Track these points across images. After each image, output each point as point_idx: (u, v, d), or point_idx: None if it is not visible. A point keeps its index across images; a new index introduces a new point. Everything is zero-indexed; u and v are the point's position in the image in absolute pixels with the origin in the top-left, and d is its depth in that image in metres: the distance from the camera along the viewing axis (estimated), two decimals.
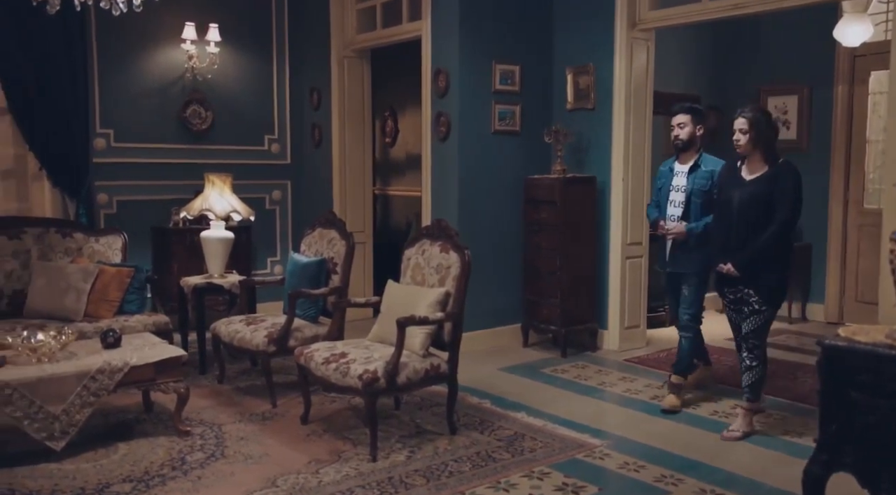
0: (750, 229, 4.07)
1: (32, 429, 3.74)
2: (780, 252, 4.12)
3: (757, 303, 4.14)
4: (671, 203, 4.77)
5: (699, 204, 4.64)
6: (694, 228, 4.62)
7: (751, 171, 4.15)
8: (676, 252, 4.72)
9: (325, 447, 4.00)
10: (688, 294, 4.72)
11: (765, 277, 4.11)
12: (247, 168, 7.03)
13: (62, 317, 4.88)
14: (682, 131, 4.68)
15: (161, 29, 6.57)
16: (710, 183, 4.57)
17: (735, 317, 4.28)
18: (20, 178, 6.13)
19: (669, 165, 4.84)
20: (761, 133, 4.07)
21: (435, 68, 5.96)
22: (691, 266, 4.66)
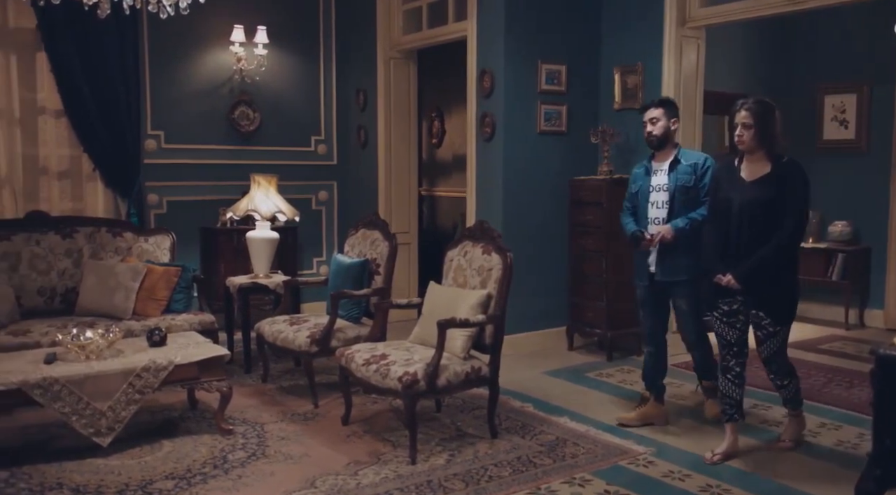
0: (753, 237, 3.67)
1: (80, 425, 3.81)
2: (788, 262, 3.73)
3: (771, 326, 3.77)
4: (653, 205, 4.33)
5: (683, 201, 4.26)
6: (681, 226, 4.18)
7: (752, 172, 3.73)
8: (665, 258, 4.25)
9: (365, 448, 3.99)
10: (686, 308, 4.33)
11: (773, 294, 3.73)
12: (293, 169, 7.08)
13: (112, 315, 4.98)
14: (656, 127, 4.29)
15: (210, 32, 6.66)
16: (694, 178, 4.23)
17: (728, 332, 3.84)
18: (75, 179, 6.28)
19: (644, 166, 4.43)
20: (766, 128, 3.64)
21: (480, 69, 5.92)
22: (684, 273, 4.24)
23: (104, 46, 6.05)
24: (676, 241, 4.19)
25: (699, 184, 4.23)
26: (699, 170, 4.24)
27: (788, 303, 3.79)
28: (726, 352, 3.88)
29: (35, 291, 5.12)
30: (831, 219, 7.27)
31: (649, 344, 4.44)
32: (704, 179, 4.22)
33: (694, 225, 4.16)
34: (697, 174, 4.24)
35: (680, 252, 4.20)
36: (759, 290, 3.71)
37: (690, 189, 4.24)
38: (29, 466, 3.74)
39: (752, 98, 3.79)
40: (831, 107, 7.37)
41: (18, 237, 5.16)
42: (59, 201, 6.16)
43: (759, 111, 3.64)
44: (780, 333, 3.80)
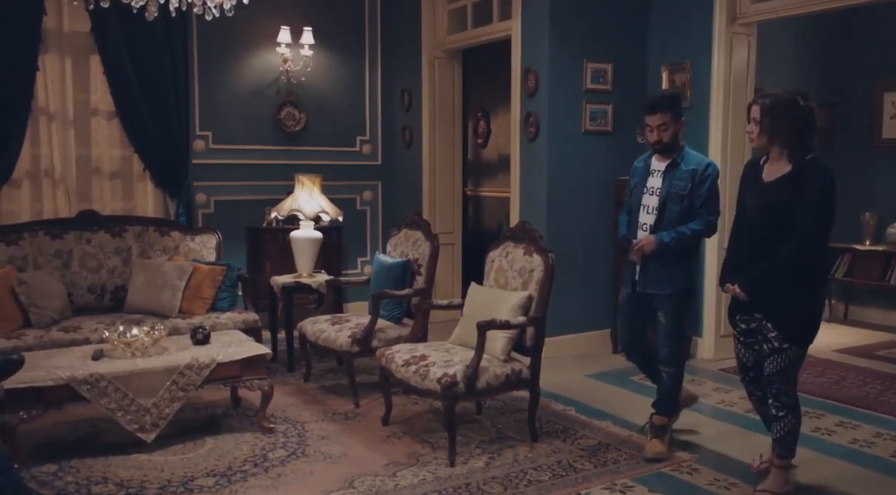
0: (765, 244, 3.33)
1: (125, 421, 3.88)
2: (806, 275, 3.29)
3: (777, 340, 3.33)
4: (643, 209, 3.89)
5: (676, 212, 3.77)
6: (665, 240, 3.73)
7: (771, 172, 3.38)
8: (648, 268, 3.85)
9: (404, 449, 3.98)
10: (665, 322, 3.87)
11: (785, 307, 3.31)
12: (338, 169, 7.12)
13: (159, 312, 5.06)
14: (666, 134, 3.78)
15: (257, 33, 6.74)
16: (690, 185, 3.75)
17: (745, 354, 3.54)
18: (126, 179, 6.40)
19: (644, 160, 3.98)
20: (777, 123, 3.28)
21: (524, 68, 5.87)
22: (667, 286, 3.83)
23: (154, 49, 6.16)
24: (659, 255, 3.78)
25: (696, 192, 3.75)
26: (698, 178, 3.75)
27: (802, 319, 3.35)
28: (743, 375, 3.61)
29: (86, 288, 5.24)
30: (890, 220, 7.03)
31: (630, 357, 4.16)
32: (702, 188, 3.75)
33: (682, 240, 3.75)
34: (695, 181, 3.75)
35: (665, 263, 3.80)
36: (768, 300, 3.35)
37: (684, 198, 3.76)
38: (77, 460, 3.82)
39: (769, 91, 3.51)
40: (890, 104, 7.12)
41: (70, 236, 5.28)
42: (110, 201, 6.29)
43: (769, 106, 3.31)
44: (789, 353, 3.34)
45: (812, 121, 3.35)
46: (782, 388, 3.38)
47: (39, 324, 4.75)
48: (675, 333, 3.90)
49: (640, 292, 3.90)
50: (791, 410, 3.39)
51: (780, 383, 3.38)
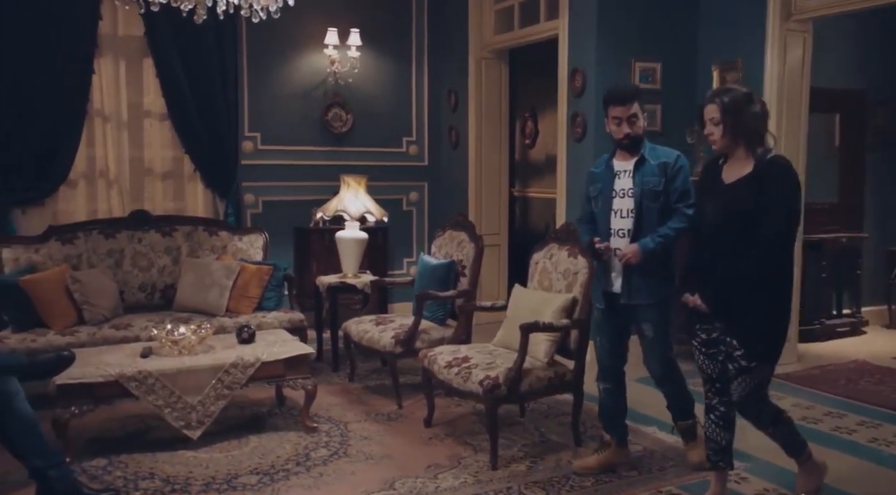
0: (727, 250, 3.06)
1: (172, 418, 3.94)
2: (770, 284, 3.05)
3: (744, 359, 3.06)
4: (616, 214, 3.60)
5: (654, 210, 3.52)
6: (651, 246, 3.47)
7: (732, 173, 3.11)
8: (632, 278, 3.55)
9: (446, 451, 3.97)
10: (652, 334, 3.60)
11: (750, 320, 3.05)
12: (385, 169, 7.15)
13: (207, 311, 5.14)
14: (635, 126, 3.53)
15: (305, 35, 6.80)
16: (663, 180, 3.51)
17: (707, 364, 3.24)
18: (177, 179, 6.52)
19: (606, 162, 3.70)
20: (741, 122, 3.02)
21: (571, 67, 5.81)
22: (652, 294, 3.55)
23: (204, 51, 6.26)
24: (645, 264, 3.51)
25: (669, 186, 3.51)
26: (670, 171, 3.52)
27: (767, 334, 3.08)
28: (708, 388, 3.29)
29: (137, 287, 5.35)
30: None
31: (606, 379, 3.74)
32: (676, 182, 3.51)
33: (667, 243, 3.49)
34: (668, 175, 3.52)
35: (649, 271, 3.52)
36: (731, 313, 3.09)
37: (660, 194, 3.52)
38: (126, 455, 3.90)
39: (722, 88, 3.27)
40: None
41: (123, 235, 5.40)
42: (161, 201, 6.42)
43: (730, 103, 3.03)
44: (756, 371, 3.08)
45: (767, 116, 3.12)
46: (757, 410, 3.16)
47: (92, 322, 4.86)
48: (664, 343, 3.64)
49: (625, 305, 3.60)
50: (775, 423, 3.20)
51: (753, 406, 3.15)
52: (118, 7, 6.00)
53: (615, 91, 3.62)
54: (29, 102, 5.74)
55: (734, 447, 3.35)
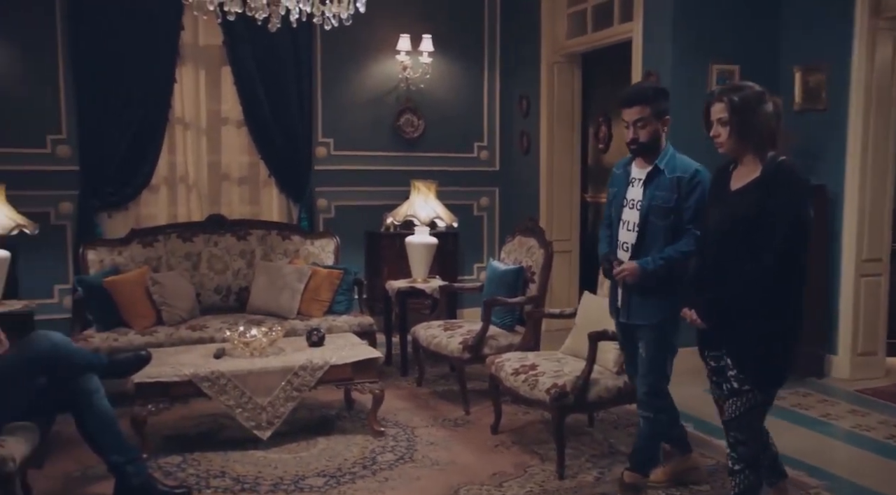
0: (730, 263, 2.78)
1: (243, 418, 4.02)
2: (774, 303, 2.75)
3: (737, 381, 2.80)
4: (623, 225, 3.33)
5: (661, 228, 3.20)
6: (651, 268, 3.18)
7: (740, 179, 2.84)
8: (631, 297, 3.31)
9: (512, 459, 3.93)
10: (644, 355, 3.33)
11: (748, 341, 2.78)
12: (456, 175, 7.16)
13: (279, 314, 5.23)
14: (643, 132, 3.22)
15: (378, 42, 6.87)
16: (676, 196, 3.17)
17: (718, 394, 2.98)
18: (253, 184, 6.68)
19: (624, 166, 3.41)
20: (750, 123, 2.75)
21: (645, 71, 5.70)
22: (648, 316, 3.27)
23: (280, 59, 6.41)
24: (643, 284, 3.24)
25: (683, 204, 3.17)
26: (685, 187, 3.17)
27: (762, 359, 2.79)
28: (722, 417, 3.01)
29: (213, 289, 5.49)
30: None
31: (640, 407, 3.52)
32: (690, 199, 3.17)
33: (669, 266, 3.17)
34: (682, 192, 3.17)
35: (649, 290, 3.24)
36: (731, 332, 2.83)
37: (670, 211, 3.18)
38: (199, 453, 4.00)
39: (733, 84, 2.95)
40: None
41: (199, 238, 5.56)
42: (238, 205, 6.59)
43: (740, 102, 2.75)
44: (750, 396, 2.80)
45: (781, 117, 2.84)
46: (740, 437, 2.85)
47: (170, 322, 5.01)
48: (654, 368, 3.34)
49: (623, 323, 3.41)
50: (749, 464, 2.86)
51: (739, 431, 2.85)
52: (199, 18, 6.19)
53: (624, 92, 3.40)
54: (115, 111, 6.00)
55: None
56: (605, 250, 3.44)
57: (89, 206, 6.03)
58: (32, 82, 5.95)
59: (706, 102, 2.89)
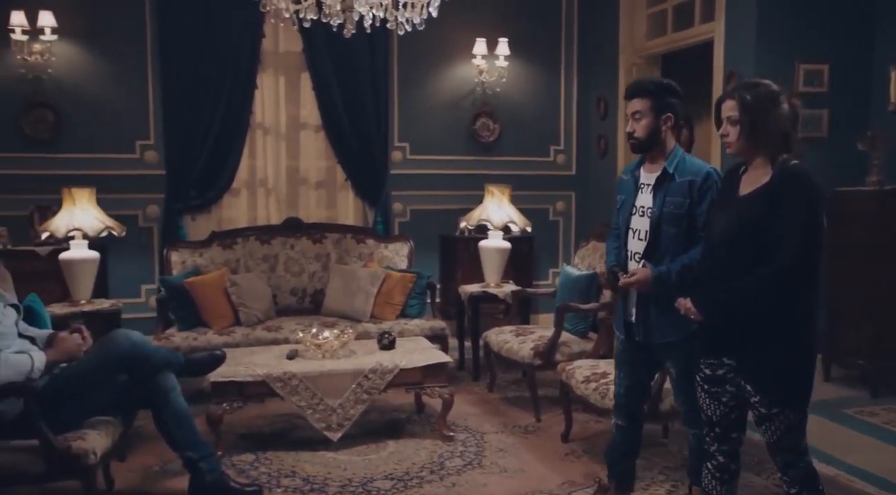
0: (734, 272, 2.60)
1: (314, 419, 4.08)
2: (782, 314, 2.56)
3: (763, 406, 2.60)
4: (633, 234, 3.11)
5: (674, 236, 2.99)
6: (663, 272, 2.97)
7: (749, 183, 2.65)
8: (649, 311, 3.06)
9: (582, 469, 3.85)
10: (676, 373, 3.10)
11: (762, 356, 2.58)
12: (531, 179, 7.10)
13: (352, 316, 5.29)
14: (638, 125, 3.05)
15: (454, 46, 6.88)
16: (688, 202, 2.97)
17: (709, 405, 2.77)
18: (330, 188, 6.80)
19: (632, 171, 3.20)
20: (762, 124, 2.55)
21: (727, 71, 5.52)
22: (673, 332, 2.99)
23: (358, 64, 6.50)
24: (656, 293, 2.99)
25: (695, 210, 2.96)
26: (696, 191, 2.97)
27: (784, 372, 2.58)
28: (708, 432, 2.83)
29: (289, 291, 5.60)
30: None
31: (620, 414, 3.30)
32: (703, 204, 2.96)
33: (685, 273, 2.94)
34: (693, 196, 2.96)
35: (669, 304, 2.86)
36: (744, 351, 2.63)
37: (682, 218, 2.98)
38: (271, 452, 4.08)
39: (748, 81, 2.70)
40: None
41: (276, 241, 5.68)
42: (315, 209, 6.71)
43: (753, 101, 2.57)
44: (782, 419, 2.60)
45: (797, 120, 2.64)
46: (788, 460, 2.67)
47: (247, 323, 5.13)
48: (693, 382, 2.99)
49: (641, 344, 3.13)
50: (806, 484, 2.66)
51: (784, 454, 2.67)
52: (280, 25, 6.34)
53: (629, 85, 3.24)
54: (199, 118, 6.20)
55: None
56: (612, 262, 3.23)
57: (174, 209, 6.25)
58: (124, 92, 6.21)
59: (718, 99, 2.71)
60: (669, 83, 3.10)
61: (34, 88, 6.00)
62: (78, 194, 4.95)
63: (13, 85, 5.96)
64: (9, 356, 2.99)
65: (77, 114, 6.11)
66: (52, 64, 5.96)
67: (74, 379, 3.13)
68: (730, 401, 2.73)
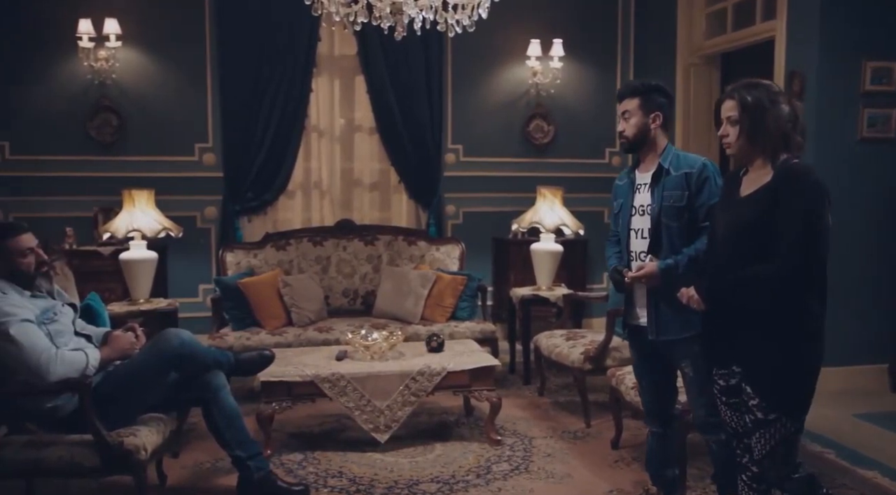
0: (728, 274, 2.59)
1: (361, 420, 4.10)
2: (786, 314, 2.51)
3: (761, 410, 2.55)
4: (635, 234, 3.11)
5: (676, 230, 2.98)
6: (671, 263, 2.95)
7: (750, 183, 2.63)
8: (661, 308, 3.02)
9: (631, 477, 3.77)
10: (693, 374, 3.00)
11: (763, 359, 2.53)
12: (586, 181, 7.00)
13: (403, 318, 5.31)
14: (628, 124, 3.08)
15: (508, 47, 6.84)
16: (686, 194, 2.96)
17: (731, 416, 2.73)
18: (383, 190, 6.83)
19: (628, 174, 3.23)
20: (761, 125, 2.53)
21: (788, 70, 5.34)
22: (687, 328, 2.92)
23: (412, 67, 6.51)
24: (665, 287, 2.93)
25: (695, 202, 2.97)
26: (694, 183, 2.97)
27: (783, 375, 2.53)
28: (735, 444, 2.77)
29: (340, 292, 5.65)
30: None
31: (652, 422, 3.26)
32: (702, 196, 2.96)
33: (693, 263, 2.92)
34: (692, 188, 2.97)
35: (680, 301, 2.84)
36: (746, 353, 2.59)
37: (683, 210, 2.97)
38: (320, 452, 4.12)
39: (747, 82, 2.63)
40: None
41: (329, 243, 5.74)
42: (368, 211, 6.75)
43: (753, 102, 2.54)
44: (778, 426, 2.54)
45: (798, 120, 2.58)
46: (782, 473, 2.60)
47: (299, 323, 5.19)
48: (710, 383, 2.91)
49: (656, 341, 3.07)
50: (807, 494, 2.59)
51: (778, 468, 2.60)
52: (335, 29, 6.42)
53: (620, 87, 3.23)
54: (256, 121, 6.29)
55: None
56: (612, 263, 3.21)
57: (231, 211, 6.37)
58: (185, 96, 6.35)
59: (719, 100, 2.70)
60: (658, 84, 3.13)
61: (99, 93, 6.19)
62: (137, 196, 5.09)
63: (80, 90, 6.17)
64: (65, 353, 3.08)
65: (139, 117, 6.28)
66: (117, 69, 6.14)
67: (126, 377, 3.21)
68: (744, 419, 2.67)
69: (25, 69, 6.08)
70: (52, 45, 6.07)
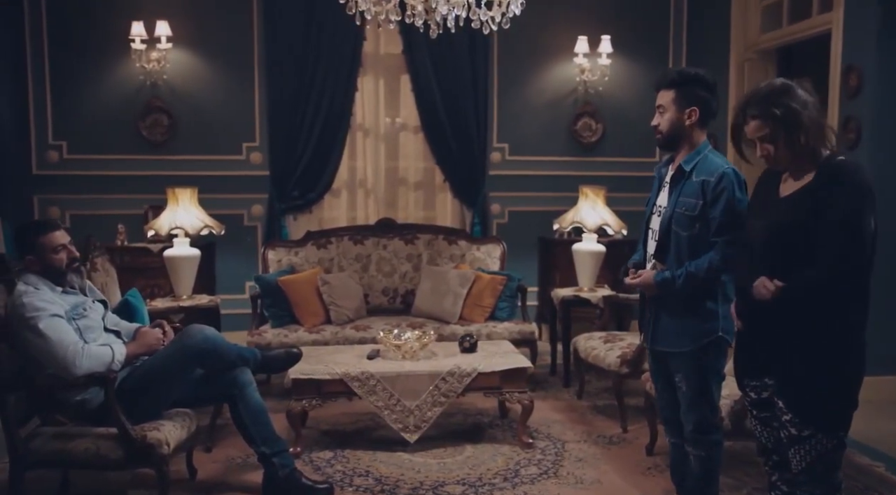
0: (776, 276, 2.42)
1: (391, 419, 4.08)
2: (830, 325, 2.38)
3: (794, 426, 2.42)
4: (651, 234, 2.94)
5: (685, 239, 2.78)
6: (670, 279, 2.78)
7: (790, 184, 2.49)
8: (660, 317, 2.91)
9: (662, 485, 3.65)
10: (685, 388, 2.87)
11: (801, 374, 2.40)
12: (633, 180, 6.83)
13: (441, 318, 5.27)
14: (662, 118, 2.86)
15: (554, 45, 6.73)
16: (700, 203, 2.75)
17: (762, 431, 2.64)
18: (428, 189, 6.82)
19: (661, 168, 3.04)
20: (799, 128, 2.36)
21: (845, 65, 5.11)
22: (685, 341, 2.82)
23: (458, 65, 6.47)
24: (674, 301, 2.83)
25: (708, 213, 2.75)
26: (710, 193, 2.74)
27: (822, 393, 2.39)
28: (765, 460, 2.67)
29: (380, 291, 5.65)
30: None
31: (670, 432, 3.11)
32: (716, 208, 2.74)
33: (692, 281, 2.75)
34: (706, 197, 2.75)
35: (681, 309, 2.82)
36: (780, 365, 2.46)
37: (695, 220, 2.77)
38: (349, 450, 4.12)
39: (755, 96, 2.45)
40: None
41: (370, 241, 5.74)
42: (413, 209, 6.74)
43: (784, 116, 2.37)
44: (814, 443, 2.41)
45: (817, 103, 2.44)
46: (817, 492, 2.45)
47: (337, 321, 5.21)
48: (699, 401, 2.87)
49: (653, 350, 2.99)
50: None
51: (814, 485, 2.45)
52: (380, 28, 6.42)
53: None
54: (302, 120, 6.36)
55: None
56: (634, 259, 3.07)
57: (277, 209, 6.44)
58: (232, 96, 6.46)
59: (733, 123, 2.54)
60: (698, 73, 2.87)
61: (151, 94, 6.35)
62: (181, 194, 5.18)
63: (132, 91, 6.34)
64: (91, 348, 3.15)
65: (189, 117, 6.42)
66: (167, 70, 6.28)
67: (151, 372, 3.26)
68: (778, 434, 2.57)
69: (81, 71, 6.28)
70: (106, 47, 6.26)
